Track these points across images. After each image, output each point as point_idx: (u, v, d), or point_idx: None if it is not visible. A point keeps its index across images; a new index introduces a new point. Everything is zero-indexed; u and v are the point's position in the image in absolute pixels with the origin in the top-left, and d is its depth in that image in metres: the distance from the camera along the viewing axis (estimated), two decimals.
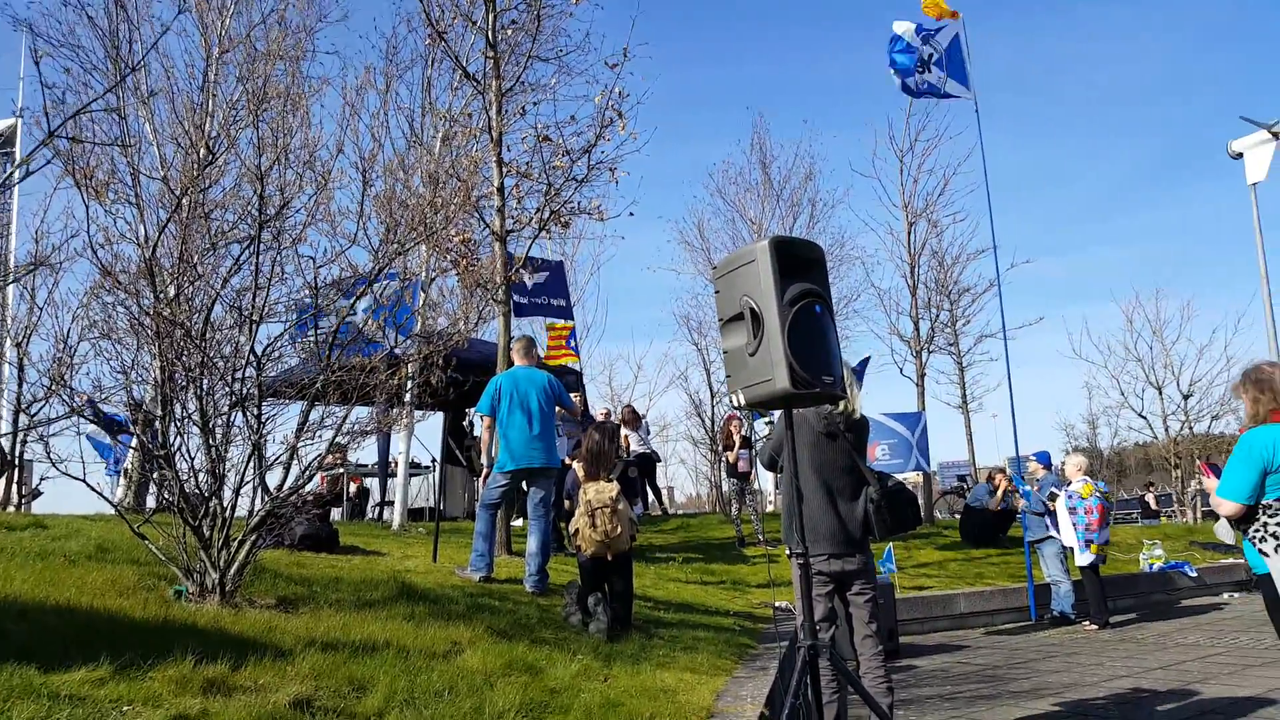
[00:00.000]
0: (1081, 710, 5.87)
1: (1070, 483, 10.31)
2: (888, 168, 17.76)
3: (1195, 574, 12.61)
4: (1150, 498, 26.85)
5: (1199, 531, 17.33)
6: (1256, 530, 4.23)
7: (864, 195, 62.58)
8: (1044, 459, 11.63)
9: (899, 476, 5.52)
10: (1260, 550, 4.22)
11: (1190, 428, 25.04)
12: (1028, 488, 11.00)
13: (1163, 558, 12.92)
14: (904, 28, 12.25)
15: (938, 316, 17.66)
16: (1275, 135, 20.83)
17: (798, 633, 3.99)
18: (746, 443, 12.97)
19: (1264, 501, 4.20)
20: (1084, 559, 9.96)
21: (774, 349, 3.61)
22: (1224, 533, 4.98)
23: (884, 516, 4.83)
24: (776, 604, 8.56)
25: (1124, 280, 77.86)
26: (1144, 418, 25.48)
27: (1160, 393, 24.95)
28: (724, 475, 15.91)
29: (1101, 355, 26.97)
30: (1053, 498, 10.36)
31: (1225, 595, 12.34)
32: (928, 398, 16.99)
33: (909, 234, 17.41)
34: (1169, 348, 24.78)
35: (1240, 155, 21.31)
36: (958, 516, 16.05)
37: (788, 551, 5.09)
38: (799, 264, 3.79)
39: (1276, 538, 4.15)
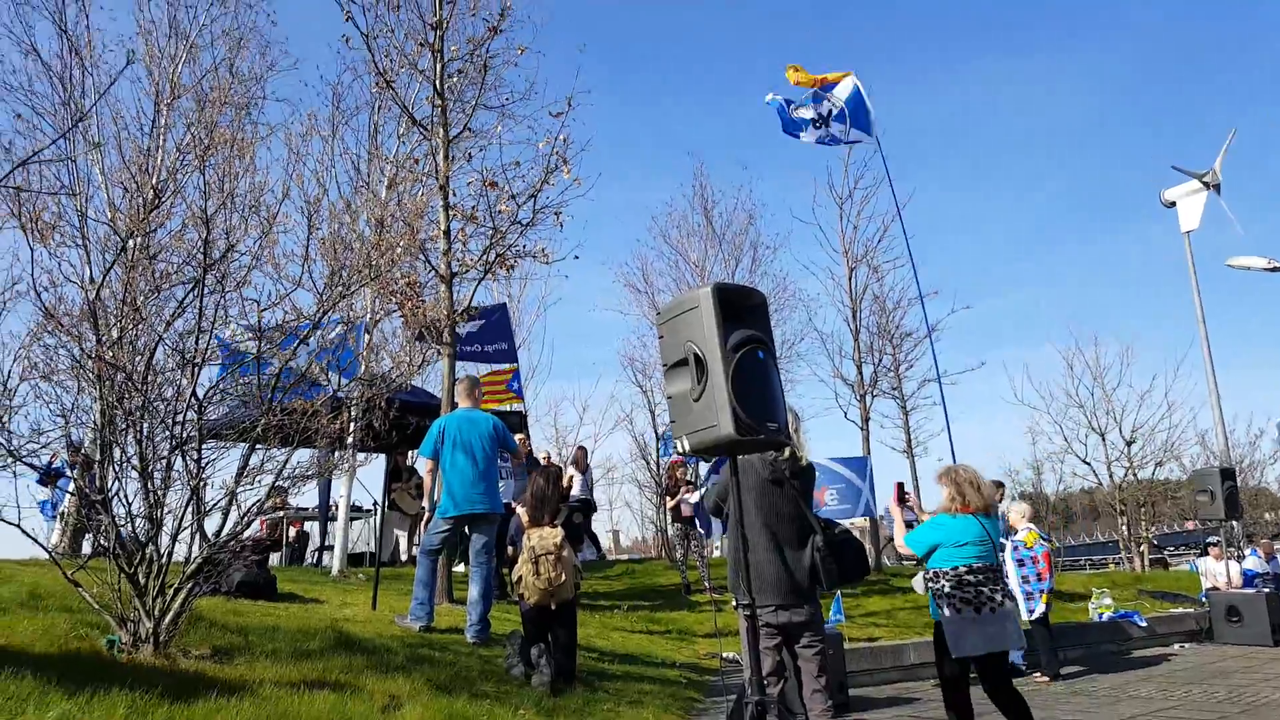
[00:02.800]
0: None
1: (1015, 531, 10.37)
2: (827, 214, 18.05)
3: (1145, 624, 12.63)
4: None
5: (1147, 579, 17.47)
6: (937, 588, 5.65)
7: (805, 240, 63.39)
8: None
9: (847, 522, 5.61)
10: (937, 603, 5.65)
11: (1135, 474, 25.32)
12: None
13: (1112, 606, 12.92)
14: (772, 96, 13.14)
15: (880, 360, 17.79)
16: (1206, 185, 21.43)
17: (745, 686, 3.95)
18: (691, 487, 12.97)
19: (943, 569, 5.62)
20: (1033, 611, 9.98)
21: (718, 395, 3.63)
22: (918, 585, 6.27)
23: (830, 566, 4.83)
24: (724, 655, 8.50)
25: (1064, 321, 79.40)
26: (1088, 464, 25.81)
27: (1104, 439, 25.27)
28: (668, 520, 15.82)
29: (1043, 400, 27.21)
30: (1000, 548, 10.38)
31: (1176, 646, 12.29)
32: (873, 442, 17.10)
33: (850, 279, 17.62)
34: (1110, 393, 25.13)
35: (1173, 204, 21.85)
36: (906, 564, 16.07)
37: (734, 602, 5.07)
38: (741, 310, 3.83)
39: (944, 596, 5.58)
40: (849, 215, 17.69)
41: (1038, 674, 10.00)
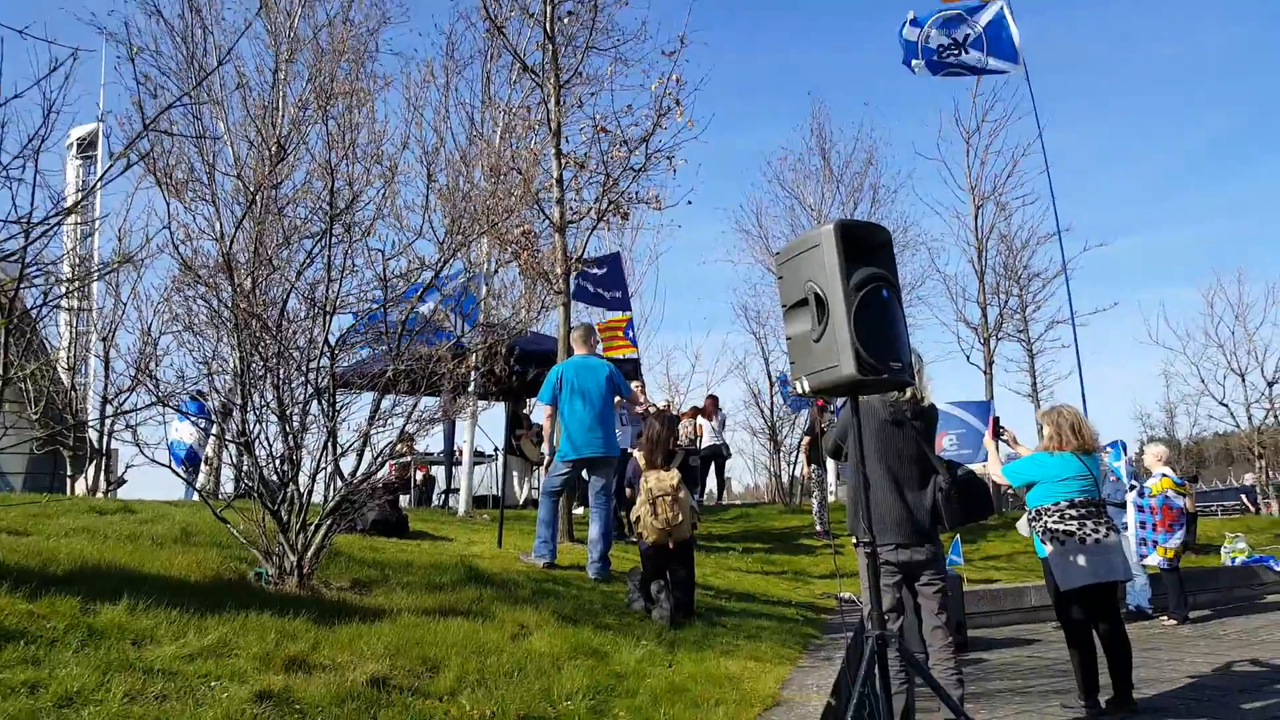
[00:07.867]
0: (1159, 707, 5.73)
1: (1150, 474, 10.01)
2: (953, 150, 17.46)
3: None
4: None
5: None
6: (1038, 527, 5.81)
7: (928, 179, 61.15)
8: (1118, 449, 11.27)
9: (968, 467, 5.52)
10: (1042, 541, 5.83)
11: (1276, 416, 23.91)
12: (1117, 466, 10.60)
13: (1245, 551, 12.44)
14: (914, 34, 12.53)
15: (1006, 303, 17.26)
16: None
17: (864, 623, 3.96)
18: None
19: (1044, 506, 5.77)
20: (1144, 557, 9.72)
21: (839, 334, 3.57)
22: (1023, 527, 6.45)
23: (954, 506, 4.78)
24: (840, 595, 8.51)
25: (1202, 260, 74.79)
26: (1225, 405, 24.46)
27: (1243, 380, 23.88)
28: (800, 462, 15.66)
29: (1180, 341, 25.78)
30: (1133, 489, 10.07)
31: None
32: (996, 386, 16.64)
33: (976, 218, 17.06)
34: (1252, 333, 23.67)
35: None
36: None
37: (854, 541, 5.07)
38: (865, 247, 3.74)
39: (1047, 531, 5.72)
40: (976, 150, 17.11)
41: (1165, 617, 9.73)
